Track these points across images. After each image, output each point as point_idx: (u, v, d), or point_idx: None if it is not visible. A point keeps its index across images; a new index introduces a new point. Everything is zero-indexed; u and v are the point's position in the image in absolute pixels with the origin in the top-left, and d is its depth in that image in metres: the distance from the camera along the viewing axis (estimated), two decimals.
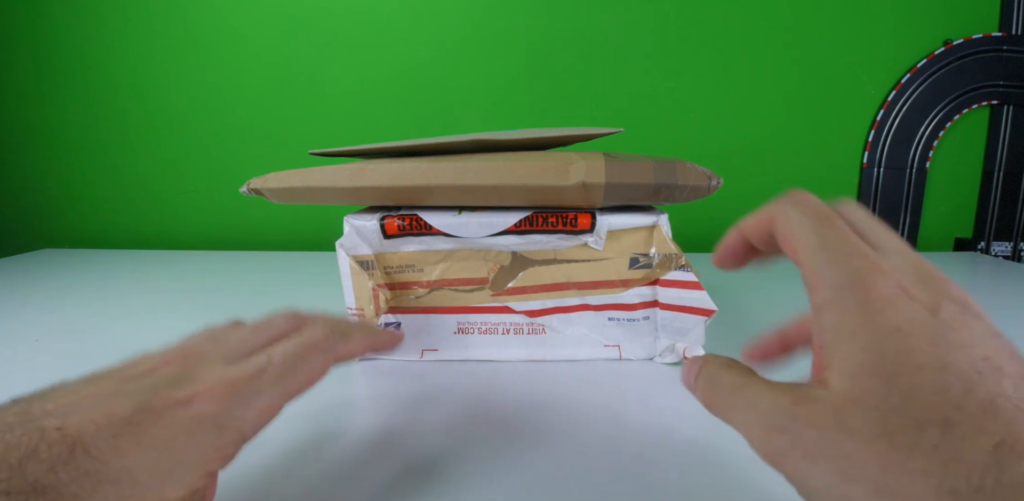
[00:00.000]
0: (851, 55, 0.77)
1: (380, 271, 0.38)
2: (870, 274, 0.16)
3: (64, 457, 0.16)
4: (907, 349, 0.15)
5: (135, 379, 0.20)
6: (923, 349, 0.15)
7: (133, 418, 0.18)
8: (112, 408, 0.18)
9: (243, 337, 0.23)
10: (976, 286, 0.60)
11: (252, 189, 0.39)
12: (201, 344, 0.22)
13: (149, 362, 0.21)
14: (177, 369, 0.20)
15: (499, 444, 0.29)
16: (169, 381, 0.19)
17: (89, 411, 0.18)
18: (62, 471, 0.16)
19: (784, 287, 0.60)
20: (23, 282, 0.64)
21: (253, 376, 0.20)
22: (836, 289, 0.16)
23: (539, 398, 0.34)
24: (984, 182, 0.80)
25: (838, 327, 0.16)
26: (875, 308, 0.16)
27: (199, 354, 0.21)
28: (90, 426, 0.17)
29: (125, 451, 0.17)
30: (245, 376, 0.20)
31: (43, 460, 0.16)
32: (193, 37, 0.81)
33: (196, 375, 0.20)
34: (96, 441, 0.17)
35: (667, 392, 0.35)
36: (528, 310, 0.39)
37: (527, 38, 0.79)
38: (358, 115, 0.82)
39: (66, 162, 0.87)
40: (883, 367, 0.15)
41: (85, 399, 0.18)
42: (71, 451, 0.16)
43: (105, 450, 0.17)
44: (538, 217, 0.36)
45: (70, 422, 0.17)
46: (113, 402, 0.18)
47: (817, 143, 0.80)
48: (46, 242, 0.91)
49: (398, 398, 0.34)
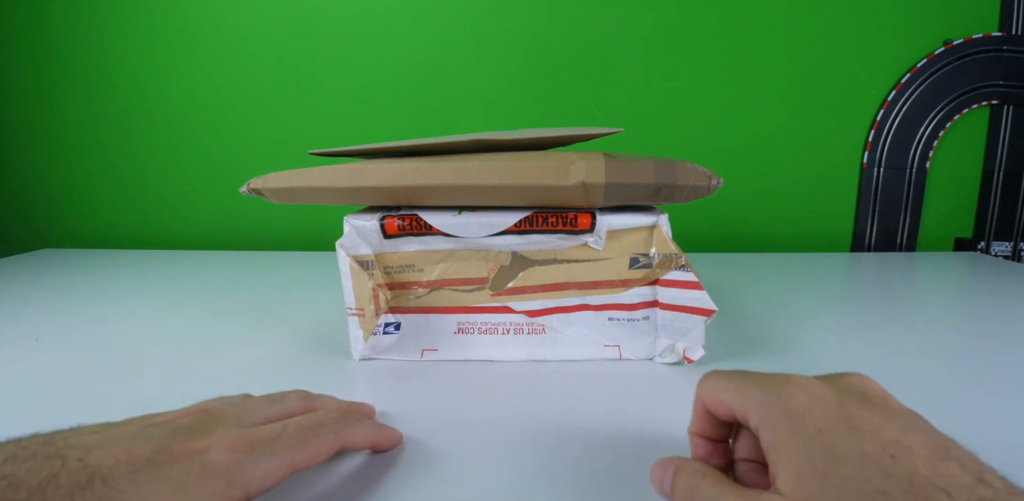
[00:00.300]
0: (851, 55, 0.77)
1: (380, 271, 0.38)
2: (783, 388, 0.20)
3: (82, 485, 0.17)
4: (830, 447, 0.17)
5: (156, 426, 0.21)
6: (843, 443, 0.17)
7: (153, 458, 0.19)
8: (133, 447, 0.19)
9: (258, 406, 0.25)
10: (976, 286, 0.61)
11: (252, 189, 0.39)
12: (219, 406, 0.24)
13: (169, 414, 0.23)
14: (196, 422, 0.22)
15: (499, 444, 0.29)
16: (189, 431, 0.21)
17: (111, 448, 0.19)
18: (79, 497, 0.17)
19: (784, 287, 0.60)
20: (23, 282, 0.64)
21: (267, 439, 0.22)
22: (762, 408, 0.19)
23: (539, 398, 0.34)
24: (984, 182, 0.80)
25: (775, 442, 0.19)
26: (796, 417, 0.18)
27: (217, 413, 0.23)
28: (110, 460, 0.18)
29: (141, 484, 0.18)
30: (260, 438, 0.22)
31: (62, 486, 0.17)
32: (193, 37, 0.81)
33: (214, 430, 0.22)
34: (115, 473, 0.18)
35: (667, 392, 0.35)
36: (528, 310, 0.39)
37: (527, 38, 0.79)
38: (358, 115, 0.82)
39: (66, 162, 0.87)
40: (816, 467, 0.17)
41: (107, 438, 0.20)
42: (90, 480, 0.17)
43: (122, 481, 0.18)
44: (538, 217, 0.36)
45: (91, 455, 0.18)
46: (134, 443, 0.20)
47: (817, 143, 0.80)
48: (46, 242, 0.91)
49: (398, 398, 0.34)
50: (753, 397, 0.20)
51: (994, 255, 0.80)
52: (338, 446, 0.24)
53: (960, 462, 0.16)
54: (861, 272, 0.68)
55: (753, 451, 0.22)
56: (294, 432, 0.23)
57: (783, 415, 0.19)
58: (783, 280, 0.63)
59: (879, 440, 0.17)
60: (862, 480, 0.16)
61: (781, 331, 0.46)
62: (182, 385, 0.37)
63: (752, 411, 0.20)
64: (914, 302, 0.55)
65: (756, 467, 0.22)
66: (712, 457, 0.23)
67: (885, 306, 0.53)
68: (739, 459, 0.23)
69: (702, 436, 0.24)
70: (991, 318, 0.49)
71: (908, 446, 0.17)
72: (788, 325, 0.47)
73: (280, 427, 0.23)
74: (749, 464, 0.22)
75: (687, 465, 0.22)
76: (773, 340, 0.44)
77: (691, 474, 0.21)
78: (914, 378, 0.37)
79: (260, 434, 0.22)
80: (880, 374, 0.38)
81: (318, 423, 0.24)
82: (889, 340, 0.44)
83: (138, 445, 0.19)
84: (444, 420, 0.31)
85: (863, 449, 0.17)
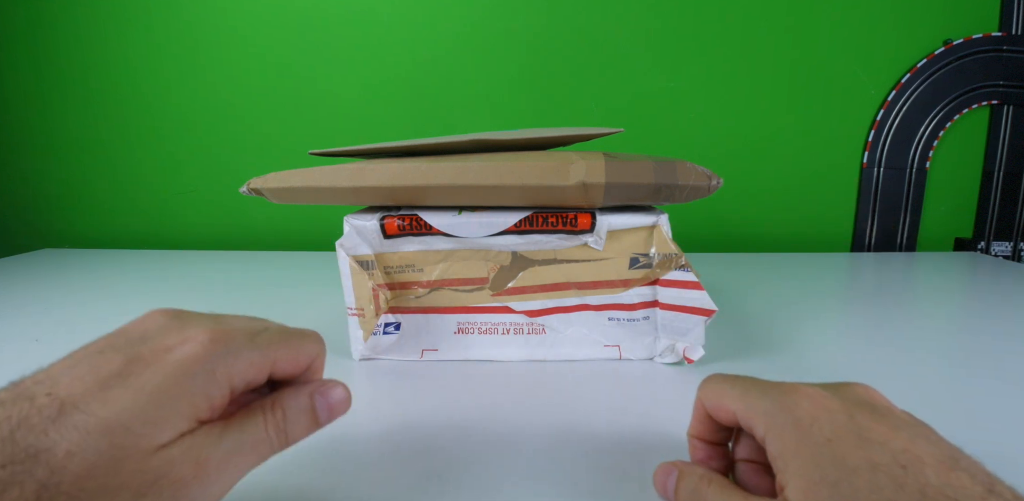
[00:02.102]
0: (851, 55, 0.77)
1: (380, 271, 0.38)
2: (789, 397, 0.19)
3: (53, 417, 0.16)
4: (840, 456, 0.17)
5: (123, 335, 0.20)
6: (853, 453, 0.17)
7: (123, 370, 0.17)
8: (101, 364, 0.18)
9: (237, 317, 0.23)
10: (976, 286, 0.61)
11: (252, 189, 0.39)
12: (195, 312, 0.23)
13: (141, 325, 0.21)
14: (166, 323, 0.20)
15: (499, 444, 0.29)
16: (159, 332, 0.19)
17: (77, 371, 0.17)
18: (53, 431, 0.16)
19: (784, 287, 0.60)
20: (23, 282, 0.64)
21: (245, 333, 0.20)
22: (769, 417, 0.19)
23: (539, 398, 0.34)
24: (984, 182, 0.80)
25: (783, 452, 0.18)
26: (804, 426, 0.18)
27: (190, 314, 0.21)
28: (78, 385, 0.17)
29: (114, 401, 0.17)
30: (237, 331, 0.20)
31: (34, 425, 0.16)
32: (193, 37, 0.81)
33: (187, 327, 0.20)
34: (85, 396, 0.17)
35: (667, 392, 0.35)
36: (528, 310, 0.39)
37: (527, 38, 0.79)
38: (358, 115, 0.82)
39: (66, 162, 0.87)
40: (826, 477, 0.17)
41: (72, 362, 0.18)
42: (60, 410, 0.16)
43: (93, 403, 0.16)
44: (538, 217, 0.36)
45: (59, 386, 0.17)
46: (102, 359, 0.18)
47: (817, 143, 0.80)
48: (46, 242, 0.91)
49: (398, 398, 0.34)
50: (758, 405, 0.20)
51: (994, 255, 0.80)
52: (316, 354, 0.23)
53: (970, 473, 0.16)
54: (861, 272, 0.68)
55: (753, 452, 0.22)
56: (275, 331, 0.21)
57: (791, 424, 0.19)
58: (783, 280, 0.63)
59: (889, 450, 0.17)
60: (873, 490, 0.16)
61: (781, 331, 0.46)
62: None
63: (758, 419, 0.20)
64: (914, 302, 0.55)
65: (756, 468, 0.22)
66: (712, 460, 0.23)
67: (885, 306, 0.53)
68: (739, 460, 0.23)
69: (702, 439, 0.24)
70: (991, 318, 0.49)
71: (918, 456, 0.17)
72: (788, 325, 0.47)
73: (260, 326, 0.21)
74: (749, 465, 0.22)
75: (691, 470, 0.22)
76: (773, 340, 0.44)
77: (696, 479, 0.21)
78: (914, 378, 0.37)
79: (239, 328, 0.20)
80: (880, 374, 0.38)
81: (300, 330, 0.23)
82: (889, 340, 0.44)
83: (105, 360, 0.18)
84: (444, 420, 0.31)
85: (873, 459, 0.17)
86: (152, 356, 0.18)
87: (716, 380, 0.23)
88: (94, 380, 0.17)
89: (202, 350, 0.19)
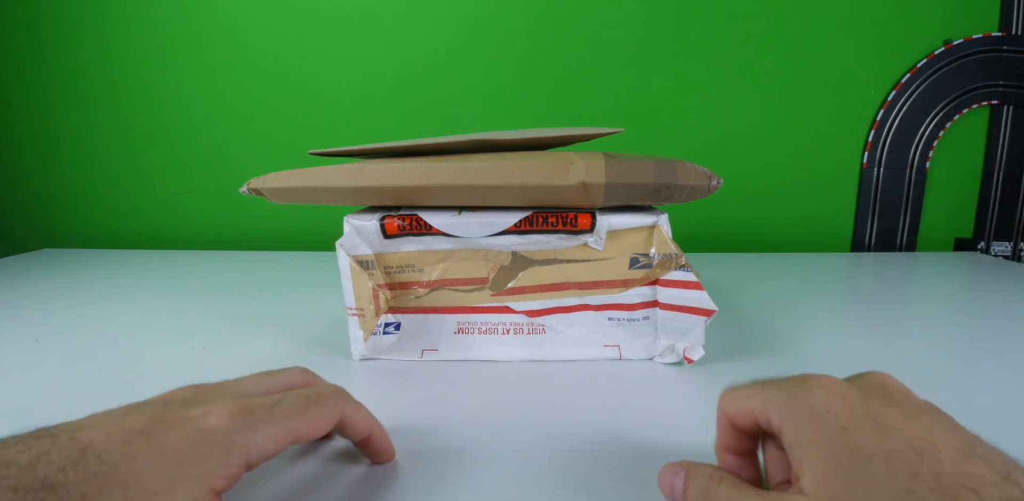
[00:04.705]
0: (851, 55, 0.77)
1: (380, 271, 0.38)
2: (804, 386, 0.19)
3: (74, 459, 0.17)
4: (855, 445, 0.17)
5: (148, 403, 0.21)
6: (868, 441, 0.17)
7: (145, 428, 0.18)
8: (125, 421, 0.19)
9: (256, 380, 0.24)
10: (976, 286, 0.61)
11: (252, 189, 0.39)
12: (214, 383, 0.24)
13: (167, 396, 0.22)
14: (191, 395, 0.21)
15: (499, 444, 0.29)
16: (183, 403, 0.20)
17: (102, 424, 0.18)
18: (71, 471, 0.16)
19: (784, 287, 0.60)
20: (23, 282, 0.64)
21: (267, 405, 0.21)
22: (783, 407, 0.19)
23: (539, 398, 0.34)
24: (984, 182, 0.80)
25: (798, 441, 0.18)
26: (819, 415, 0.18)
27: (213, 386, 0.23)
28: (101, 435, 0.18)
29: (134, 456, 0.17)
30: (258, 404, 0.21)
31: (53, 461, 0.16)
32: (193, 37, 0.81)
33: (211, 400, 0.21)
34: (107, 446, 0.17)
35: (667, 392, 0.35)
36: (528, 310, 0.39)
37: (527, 38, 0.79)
38: (358, 115, 0.82)
39: (66, 162, 0.87)
40: (842, 466, 0.17)
41: (98, 417, 0.19)
42: (82, 454, 0.17)
43: (114, 454, 0.17)
44: (538, 217, 0.36)
45: (82, 433, 0.18)
46: (126, 417, 0.19)
47: (817, 143, 0.80)
48: (46, 242, 0.91)
49: (398, 398, 0.34)
50: (774, 398, 0.20)
51: (994, 255, 0.80)
52: (339, 417, 0.23)
53: (986, 460, 0.16)
54: (861, 272, 0.68)
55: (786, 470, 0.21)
56: (294, 400, 0.22)
57: (806, 413, 0.18)
58: (783, 280, 0.63)
59: (904, 438, 0.17)
60: (889, 478, 0.16)
61: (781, 331, 0.46)
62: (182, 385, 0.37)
63: (774, 411, 0.20)
64: (914, 302, 0.55)
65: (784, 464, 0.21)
66: (741, 471, 0.22)
67: (885, 306, 0.53)
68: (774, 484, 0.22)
69: (729, 451, 0.23)
70: (991, 318, 0.49)
71: (933, 444, 0.16)
72: (788, 325, 0.47)
73: (280, 396, 0.22)
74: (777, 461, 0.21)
75: (699, 469, 0.21)
76: (773, 340, 0.44)
77: (705, 479, 0.21)
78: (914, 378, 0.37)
79: (259, 401, 0.21)
80: None
81: (319, 393, 0.23)
82: (889, 340, 0.44)
83: (130, 418, 0.19)
84: (444, 420, 0.31)
85: (888, 447, 0.17)
86: (176, 421, 0.19)
87: (733, 388, 0.22)
88: (118, 433, 0.18)
89: (222, 422, 0.19)
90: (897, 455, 0.16)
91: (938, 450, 0.16)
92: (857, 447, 0.17)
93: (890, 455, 0.16)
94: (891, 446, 0.17)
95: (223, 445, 0.19)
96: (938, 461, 0.16)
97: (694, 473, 0.21)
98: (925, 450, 0.16)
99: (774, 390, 0.20)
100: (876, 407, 0.18)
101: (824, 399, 0.19)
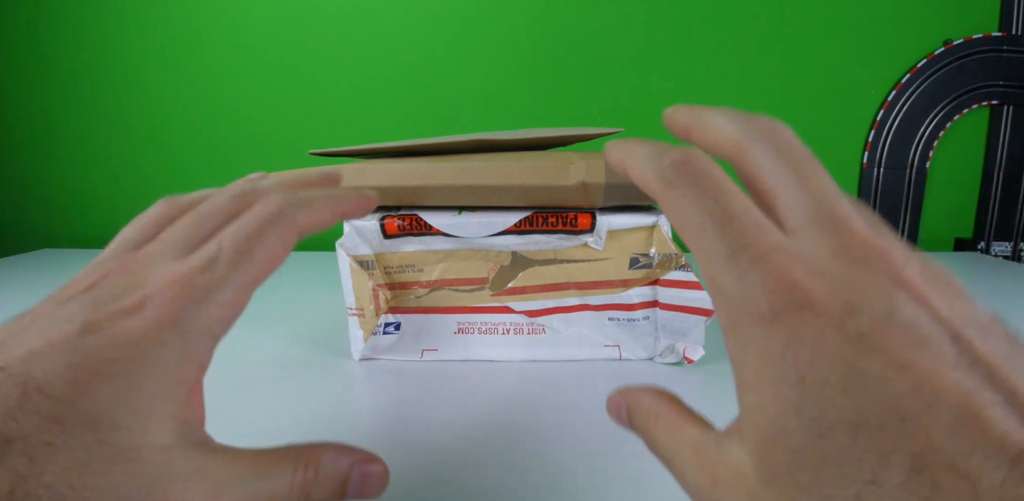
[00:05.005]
0: (851, 55, 0.77)
1: (380, 271, 0.38)
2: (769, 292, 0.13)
3: (17, 400, 0.13)
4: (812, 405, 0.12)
5: (75, 298, 0.16)
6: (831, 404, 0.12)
7: (80, 342, 0.14)
8: (54, 334, 0.15)
9: (186, 228, 0.19)
10: (976, 286, 0.60)
11: None
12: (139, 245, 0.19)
13: (85, 279, 0.17)
14: (118, 279, 0.17)
15: (499, 444, 0.29)
16: (111, 292, 0.16)
17: (28, 341, 0.15)
18: (23, 417, 0.13)
19: None
20: (23, 282, 0.64)
21: (204, 268, 0.17)
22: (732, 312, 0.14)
23: (539, 398, 0.34)
24: (984, 182, 0.80)
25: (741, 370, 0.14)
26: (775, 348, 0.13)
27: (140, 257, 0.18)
28: (36, 360, 0.14)
29: (85, 386, 0.14)
30: (195, 269, 0.16)
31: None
32: (193, 37, 0.81)
33: (143, 280, 0.16)
34: (49, 376, 0.14)
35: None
36: (528, 310, 0.39)
37: (527, 38, 0.79)
38: (358, 115, 0.82)
39: (66, 162, 0.87)
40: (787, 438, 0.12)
41: (19, 331, 0.15)
42: (24, 392, 0.14)
43: (61, 385, 0.14)
44: (538, 217, 0.36)
45: (11, 359, 0.14)
46: (52, 328, 0.15)
47: (817, 143, 0.80)
48: (46, 242, 0.91)
49: (398, 398, 0.34)
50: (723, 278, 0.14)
51: (994, 255, 0.80)
52: (295, 237, 0.19)
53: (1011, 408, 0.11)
54: None
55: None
56: (232, 246, 0.17)
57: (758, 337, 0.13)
58: None
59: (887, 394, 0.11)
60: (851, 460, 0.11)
61: None
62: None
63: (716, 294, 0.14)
64: None
65: None
66: None
67: None
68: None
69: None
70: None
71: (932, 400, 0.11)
72: None
73: (215, 247, 0.17)
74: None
75: (639, 404, 0.18)
76: None
77: (644, 416, 0.18)
78: None
79: (192, 264, 0.17)
80: None
81: (259, 221, 0.18)
82: None
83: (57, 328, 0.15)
84: (444, 420, 0.31)
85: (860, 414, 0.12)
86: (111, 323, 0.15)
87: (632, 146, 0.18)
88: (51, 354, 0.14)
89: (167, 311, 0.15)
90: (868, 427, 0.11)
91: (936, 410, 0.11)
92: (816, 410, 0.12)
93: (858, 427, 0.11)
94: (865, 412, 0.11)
95: (179, 336, 0.15)
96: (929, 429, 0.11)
97: (634, 408, 0.18)
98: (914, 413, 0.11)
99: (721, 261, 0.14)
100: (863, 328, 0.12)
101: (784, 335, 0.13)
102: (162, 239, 0.18)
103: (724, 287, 0.14)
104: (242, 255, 0.17)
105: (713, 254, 0.14)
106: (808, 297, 0.13)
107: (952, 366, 0.11)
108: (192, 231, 0.18)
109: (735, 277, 0.13)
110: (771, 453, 0.13)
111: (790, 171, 0.15)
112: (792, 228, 0.14)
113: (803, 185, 0.14)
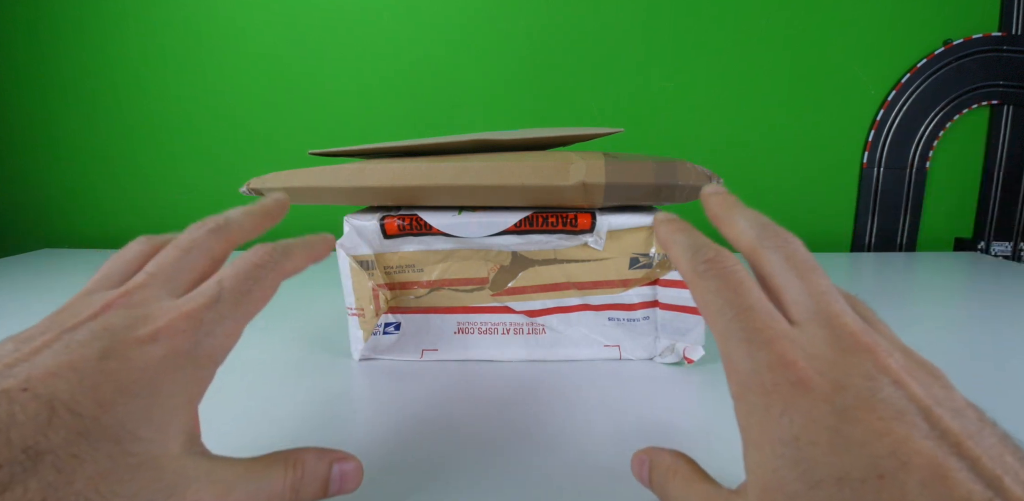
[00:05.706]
0: (851, 55, 0.77)
1: (380, 271, 0.38)
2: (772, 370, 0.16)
3: (46, 417, 0.14)
4: (805, 461, 0.14)
5: (83, 326, 0.17)
6: (821, 460, 0.14)
7: (102, 366, 0.16)
8: (74, 359, 0.16)
9: (173, 261, 0.21)
10: (976, 286, 0.61)
11: (252, 189, 0.39)
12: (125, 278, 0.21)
13: (84, 309, 0.18)
14: (125, 310, 0.18)
15: (499, 444, 0.29)
16: (122, 323, 0.18)
17: (45, 364, 0.16)
18: (52, 433, 0.14)
19: None
20: (23, 282, 0.64)
21: (210, 305, 0.19)
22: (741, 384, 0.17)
23: (539, 398, 0.34)
24: (984, 182, 0.80)
25: (747, 431, 0.16)
26: (773, 415, 0.15)
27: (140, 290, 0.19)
28: (59, 382, 0.15)
29: (110, 404, 0.15)
30: (203, 306, 0.19)
31: (23, 424, 0.14)
32: (193, 37, 0.81)
33: (150, 312, 0.18)
34: (76, 396, 0.15)
35: (667, 392, 0.35)
36: (528, 310, 0.39)
37: (527, 38, 0.79)
38: (358, 115, 0.82)
39: (66, 162, 0.87)
40: (784, 487, 0.15)
41: (29, 354, 0.16)
42: (52, 411, 0.15)
43: (87, 405, 0.15)
44: (538, 217, 0.36)
45: (33, 380, 0.15)
46: (69, 352, 0.16)
47: (817, 143, 0.80)
48: (46, 242, 0.91)
49: (398, 398, 0.34)
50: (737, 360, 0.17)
51: (994, 255, 0.80)
52: (281, 280, 0.22)
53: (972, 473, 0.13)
54: (861, 272, 0.68)
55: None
56: (233, 286, 0.20)
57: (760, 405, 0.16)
58: None
59: (868, 454, 0.14)
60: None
61: None
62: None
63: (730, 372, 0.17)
64: (914, 302, 0.55)
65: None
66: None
67: (885, 306, 0.53)
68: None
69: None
70: (991, 318, 0.49)
71: (904, 461, 0.13)
72: None
73: (215, 287, 0.20)
74: None
75: (660, 461, 0.21)
76: None
77: (663, 472, 0.21)
78: None
79: (200, 301, 0.19)
80: None
81: (253, 264, 0.21)
82: None
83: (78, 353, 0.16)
84: (444, 420, 0.31)
85: (845, 469, 0.14)
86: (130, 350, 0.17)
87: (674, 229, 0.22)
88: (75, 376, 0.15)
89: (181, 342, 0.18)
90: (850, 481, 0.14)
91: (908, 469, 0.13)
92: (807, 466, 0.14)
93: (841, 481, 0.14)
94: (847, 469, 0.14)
95: (191, 362, 0.18)
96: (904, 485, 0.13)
97: (656, 464, 0.22)
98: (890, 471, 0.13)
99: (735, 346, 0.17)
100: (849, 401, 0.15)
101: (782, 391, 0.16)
102: (150, 272, 0.20)
103: (736, 363, 0.17)
104: (242, 295, 0.20)
105: (730, 336, 0.17)
106: (804, 376, 0.15)
107: (924, 435, 0.14)
108: (178, 264, 0.21)
109: (746, 355, 0.16)
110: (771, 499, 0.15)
111: (795, 276, 0.18)
112: (796, 321, 0.17)
113: (805, 287, 0.18)
